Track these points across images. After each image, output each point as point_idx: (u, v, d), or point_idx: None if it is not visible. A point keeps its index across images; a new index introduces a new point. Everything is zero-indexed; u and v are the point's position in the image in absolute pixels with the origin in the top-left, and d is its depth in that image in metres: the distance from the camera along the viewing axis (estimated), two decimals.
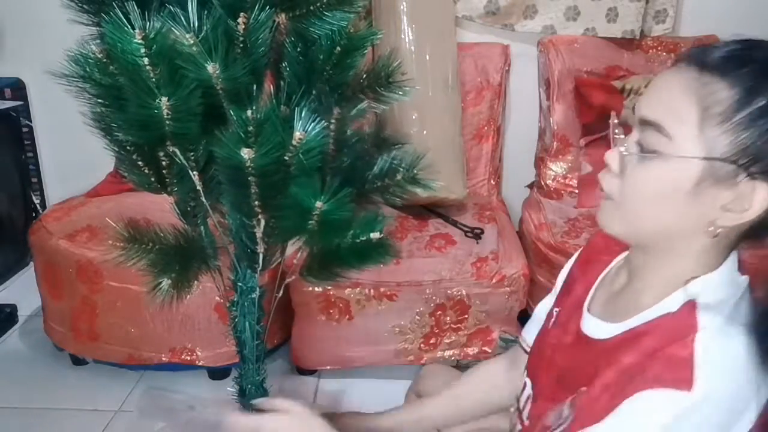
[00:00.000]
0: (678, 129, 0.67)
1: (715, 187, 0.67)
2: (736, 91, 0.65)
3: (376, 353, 1.94)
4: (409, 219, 2.15)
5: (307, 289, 1.85)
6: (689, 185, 0.67)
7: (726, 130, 0.65)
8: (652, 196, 0.70)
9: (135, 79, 0.81)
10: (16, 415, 1.88)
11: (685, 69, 0.68)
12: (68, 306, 1.94)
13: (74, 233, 1.94)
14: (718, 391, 0.64)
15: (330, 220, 0.90)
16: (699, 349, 0.65)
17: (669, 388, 0.64)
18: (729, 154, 0.65)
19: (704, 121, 0.65)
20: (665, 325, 0.70)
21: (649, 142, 0.69)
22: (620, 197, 0.72)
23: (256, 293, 1.07)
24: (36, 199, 2.65)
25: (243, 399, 1.10)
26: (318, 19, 0.95)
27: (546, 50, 2.33)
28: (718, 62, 0.66)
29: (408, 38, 2.12)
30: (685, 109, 0.66)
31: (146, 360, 1.93)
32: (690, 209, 0.68)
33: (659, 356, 0.67)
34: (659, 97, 0.69)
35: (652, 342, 0.69)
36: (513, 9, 2.33)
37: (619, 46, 2.34)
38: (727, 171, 0.66)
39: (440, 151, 2.15)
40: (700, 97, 0.66)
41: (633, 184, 0.71)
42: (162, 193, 0.99)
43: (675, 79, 0.68)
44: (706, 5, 2.39)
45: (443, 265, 1.90)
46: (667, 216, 0.70)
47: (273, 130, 0.84)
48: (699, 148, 0.66)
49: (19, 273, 2.54)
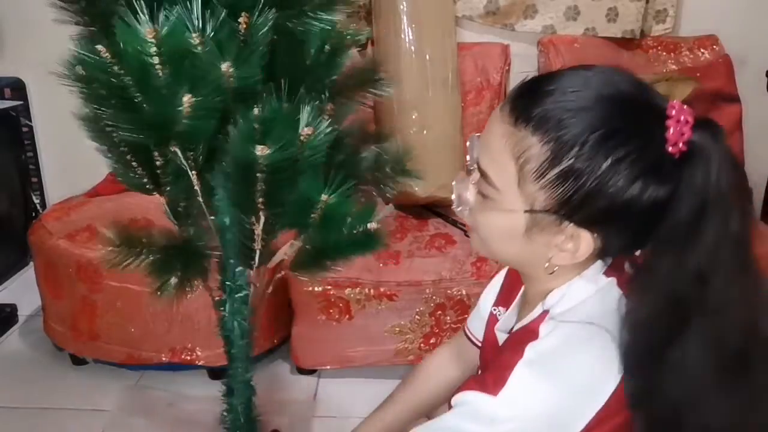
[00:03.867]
0: (502, 182, 0.70)
1: (544, 234, 0.70)
2: (546, 149, 0.66)
3: (376, 353, 1.94)
4: (409, 219, 2.15)
5: (307, 288, 1.85)
6: (521, 232, 0.71)
7: (542, 186, 0.67)
8: (495, 237, 0.74)
9: (146, 79, 0.80)
10: (16, 415, 1.88)
11: (507, 116, 0.69)
12: (68, 306, 1.94)
13: (74, 233, 1.94)
14: (524, 399, 0.68)
15: (332, 213, 0.90)
16: (525, 356, 0.69)
17: (479, 391, 0.69)
18: (549, 207, 0.68)
19: (522, 176, 0.68)
20: (519, 334, 0.76)
21: (483, 189, 0.72)
22: (475, 230, 0.77)
23: (245, 292, 1.07)
24: (36, 199, 2.65)
25: (231, 398, 1.09)
26: (310, 18, 0.95)
27: (546, 50, 2.33)
28: (531, 118, 0.67)
29: (408, 38, 2.12)
30: (506, 164, 0.69)
31: (146, 360, 1.92)
32: (530, 249, 0.72)
33: (496, 362, 0.73)
34: (488, 145, 0.71)
35: (505, 347, 0.76)
36: (513, 9, 2.33)
37: (619, 46, 2.34)
38: (550, 221, 0.69)
39: (440, 151, 2.15)
40: (515, 153, 0.68)
41: (479, 224, 0.75)
42: (154, 194, 0.98)
43: (498, 129, 0.70)
44: (706, 5, 2.39)
45: (443, 264, 1.90)
46: (513, 252, 0.75)
47: (284, 127, 0.84)
48: (521, 201, 0.69)
49: (19, 273, 2.54)
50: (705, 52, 2.32)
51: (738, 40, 2.32)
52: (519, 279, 0.89)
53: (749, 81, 2.34)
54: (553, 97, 0.67)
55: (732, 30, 2.33)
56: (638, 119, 0.66)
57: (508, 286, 0.95)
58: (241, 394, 1.10)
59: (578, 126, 0.65)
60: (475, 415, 0.70)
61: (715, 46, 2.33)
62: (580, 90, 0.67)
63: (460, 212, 0.77)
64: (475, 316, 1.05)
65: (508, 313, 0.89)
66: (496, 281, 1.01)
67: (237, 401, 1.10)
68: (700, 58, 2.32)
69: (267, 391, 1.94)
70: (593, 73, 0.69)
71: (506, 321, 0.89)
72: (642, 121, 0.66)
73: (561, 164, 0.66)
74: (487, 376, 0.71)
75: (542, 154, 0.66)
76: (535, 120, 0.67)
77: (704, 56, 2.32)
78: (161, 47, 0.79)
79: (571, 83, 0.68)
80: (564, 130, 0.65)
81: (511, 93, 0.71)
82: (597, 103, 0.66)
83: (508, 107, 0.70)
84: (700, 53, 2.33)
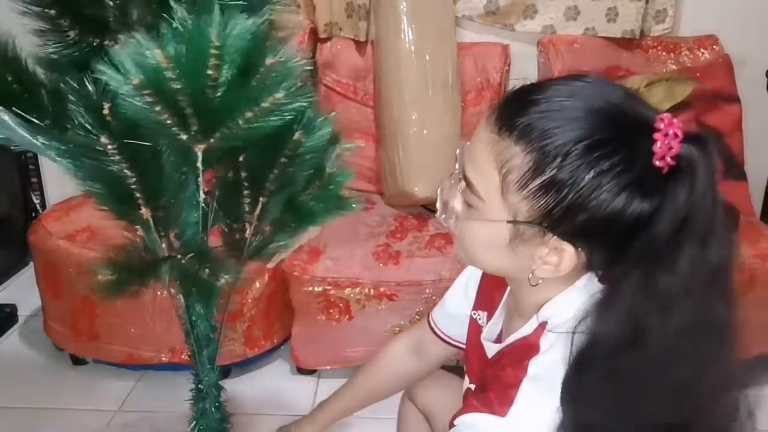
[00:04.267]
0: (486, 192, 0.69)
1: (527, 245, 0.69)
2: (529, 159, 0.65)
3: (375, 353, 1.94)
4: (409, 219, 2.15)
5: (307, 288, 1.85)
6: (504, 242, 0.70)
7: (525, 196, 0.66)
8: (480, 247, 0.74)
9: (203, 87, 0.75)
10: (16, 415, 1.88)
11: (492, 126, 0.68)
12: (68, 306, 1.94)
13: (74, 233, 1.94)
14: (534, 417, 0.67)
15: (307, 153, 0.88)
16: (529, 373, 0.68)
17: (485, 412, 0.68)
18: (531, 218, 0.67)
19: (505, 186, 0.67)
20: (517, 347, 0.75)
21: (468, 198, 0.72)
22: (460, 239, 0.76)
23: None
24: (36, 199, 2.65)
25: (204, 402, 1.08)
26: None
27: (546, 50, 2.33)
28: (516, 127, 0.66)
29: (408, 38, 2.12)
30: (489, 173, 0.68)
31: (146, 360, 1.93)
32: (513, 260, 0.72)
33: (497, 378, 0.72)
34: (473, 153, 0.71)
35: (503, 364, 0.74)
36: (513, 9, 2.33)
37: (619, 45, 2.34)
38: (533, 232, 0.68)
39: (440, 151, 2.15)
40: (498, 162, 0.67)
41: (463, 234, 0.74)
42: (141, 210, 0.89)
43: (483, 136, 0.69)
44: (705, 5, 2.38)
45: (443, 265, 1.90)
46: (496, 263, 0.74)
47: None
48: (504, 211, 0.68)
49: (19, 273, 2.54)
50: (705, 52, 2.32)
51: (738, 40, 2.32)
52: (497, 283, 0.88)
53: (749, 81, 2.34)
54: (538, 107, 0.65)
55: (732, 30, 2.33)
56: (625, 132, 0.64)
57: (487, 289, 0.94)
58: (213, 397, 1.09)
59: (562, 137, 0.63)
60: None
61: (714, 46, 2.33)
62: (566, 100, 0.65)
63: (443, 220, 0.75)
64: (442, 312, 1.06)
65: (493, 320, 0.88)
66: (465, 281, 1.01)
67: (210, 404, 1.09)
68: (699, 58, 2.32)
69: (267, 392, 1.95)
70: (582, 83, 0.67)
71: (491, 329, 0.88)
72: (629, 133, 0.64)
73: (543, 175, 0.64)
74: (491, 396, 0.70)
75: (525, 164, 0.65)
76: (518, 129, 0.65)
77: (704, 56, 2.32)
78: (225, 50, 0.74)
79: (558, 93, 0.66)
80: (547, 141, 0.64)
81: (499, 102, 0.70)
82: (583, 114, 0.64)
83: (494, 116, 0.69)
84: (700, 53, 2.32)
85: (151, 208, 0.88)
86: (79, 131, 0.80)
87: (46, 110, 0.83)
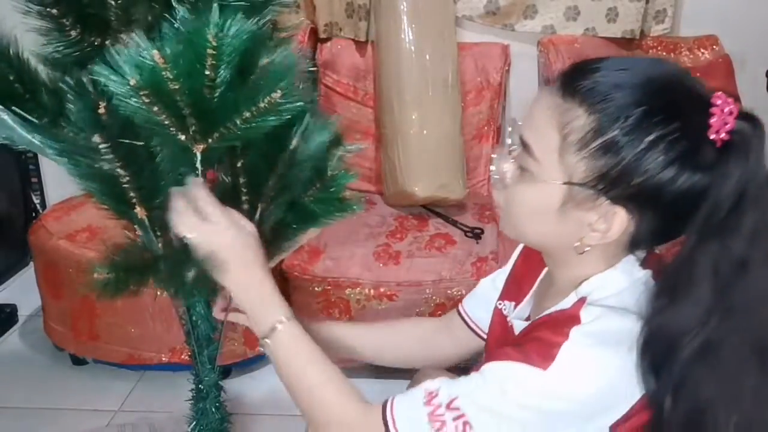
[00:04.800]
0: (543, 153, 0.71)
1: (579, 209, 0.71)
2: (592, 119, 0.67)
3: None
4: (409, 219, 2.15)
5: (307, 288, 1.85)
6: (556, 206, 0.71)
7: (583, 157, 0.68)
8: (528, 213, 0.75)
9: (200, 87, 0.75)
10: (16, 415, 1.88)
11: (555, 92, 0.71)
12: (68, 306, 1.94)
13: (74, 233, 1.94)
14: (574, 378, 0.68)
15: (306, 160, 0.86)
16: (572, 338, 0.69)
17: (527, 364, 0.69)
18: (586, 180, 0.69)
19: (564, 147, 0.69)
20: (555, 317, 0.75)
21: (524, 162, 0.73)
22: (506, 210, 0.77)
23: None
24: (36, 199, 2.65)
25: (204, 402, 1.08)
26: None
27: (546, 50, 2.33)
28: (579, 90, 0.69)
29: (408, 38, 2.12)
30: (549, 135, 0.70)
31: (146, 360, 1.93)
32: (561, 227, 0.73)
33: (536, 338, 0.72)
34: (533, 117, 0.73)
35: (539, 330, 0.74)
36: (513, 9, 2.33)
37: (619, 46, 2.34)
38: (587, 195, 0.69)
39: (440, 151, 2.15)
40: (560, 124, 0.69)
41: (512, 201, 0.75)
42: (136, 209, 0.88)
43: (544, 102, 0.71)
44: (705, 5, 2.38)
45: (443, 265, 1.90)
46: (544, 231, 0.75)
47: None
48: (560, 172, 0.70)
49: (19, 273, 2.54)
50: (705, 52, 2.32)
51: (738, 40, 2.32)
52: (530, 272, 0.90)
53: (749, 81, 2.34)
54: (601, 73, 0.69)
55: (732, 30, 2.33)
56: (683, 102, 0.68)
57: (516, 279, 0.95)
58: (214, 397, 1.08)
59: (624, 99, 0.67)
60: (524, 386, 0.69)
61: (714, 46, 2.33)
62: (628, 69, 0.70)
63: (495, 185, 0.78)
64: (474, 299, 1.06)
65: (522, 304, 0.89)
66: (494, 275, 1.03)
67: (210, 404, 1.08)
68: (699, 58, 2.32)
69: (267, 392, 1.95)
70: (640, 59, 0.72)
71: (521, 311, 0.89)
72: (686, 104, 0.68)
73: (604, 135, 0.67)
74: (529, 350, 0.70)
75: (587, 124, 0.68)
76: (582, 92, 0.68)
77: (704, 56, 2.32)
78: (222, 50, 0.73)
79: (620, 63, 0.71)
80: (610, 103, 0.67)
81: (561, 71, 0.73)
82: (644, 81, 0.68)
83: (557, 83, 0.71)
84: (700, 53, 2.33)
85: (145, 208, 0.88)
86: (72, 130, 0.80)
87: (45, 109, 0.83)
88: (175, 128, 0.80)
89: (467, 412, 0.70)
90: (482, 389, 0.71)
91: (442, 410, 0.71)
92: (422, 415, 0.72)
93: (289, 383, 0.83)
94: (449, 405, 0.71)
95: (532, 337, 0.74)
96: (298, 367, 0.82)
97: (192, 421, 1.09)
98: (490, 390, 0.71)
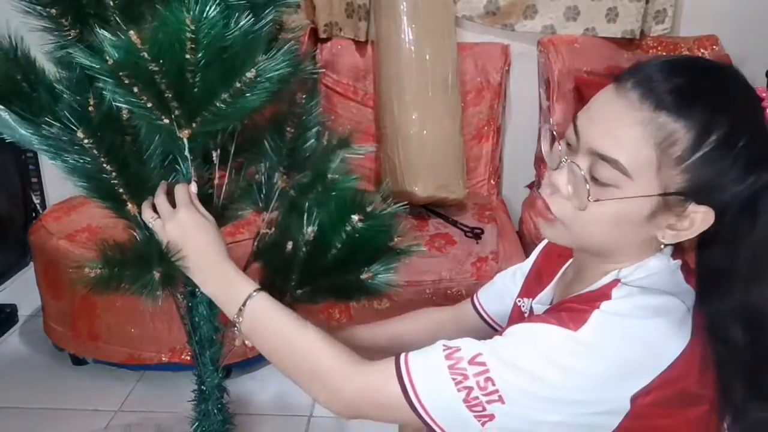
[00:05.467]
0: (638, 170, 0.70)
1: (667, 214, 0.72)
2: (692, 134, 0.68)
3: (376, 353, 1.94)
4: (409, 219, 2.15)
5: None
6: (644, 215, 0.72)
7: (682, 170, 0.69)
8: (607, 225, 0.74)
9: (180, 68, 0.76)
10: (16, 415, 1.88)
11: (639, 104, 0.69)
12: (68, 306, 1.94)
13: (74, 233, 1.94)
14: (603, 343, 0.69)
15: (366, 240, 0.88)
16: (603, 308, 0.70)
17: (559, 326, 0.70)
18: (682, 190, 0.70)
19: (662, 162, 0.69)
20: (585, 295, 0.76)
21: (604, 176, 0.71)
22: (571, 221, 0.75)
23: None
24: (36, 199, 2.65)
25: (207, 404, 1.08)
26: None
27: (546, 50, 2.33)
28: (671, 101, 0.68)
29: (408, 38, 2.12)
30: (645, 152, 0.69)
31: (146, 360, 1.93)
32: (640, 232, 0.73)
33: (566, 307, 0.73)
34: (613, 132, 0.71)
35: (569, 303, 0.75)
36: (513, 9, 2.33)
37: (619, 46, 2.34)
38: (679, 201, 0.70)
39: (440, 151, 2.15)
40: (657, 140, 0.69)
41: (590, 214, 0.73)
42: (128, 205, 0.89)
43: (628, 115, 0.70)
44: (705, 5, 2.39)
45: (443, 265, 1.90)
46: (617, 237, 0.75)
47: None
48: (656, 185, 0.70)
49: (19, 273, 2.54)
50: (705, 53, 2.33)
51: (738, 40, 2.32)
52: (551, 266, 0.91)
53: (749, 81, 2.34)
54: (683, 83, 0.69)
55: (732, 30, 2.33)
56: (748, 104, 0.71)
57: (536, 277, 0.95)
58: (216, 398, 1.08)
59: (714, 112, 0.68)
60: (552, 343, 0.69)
61: (715, 46, 2.33)
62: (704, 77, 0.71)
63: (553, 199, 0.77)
64: (489, 292, 1.06)
65: (545, 291, 0.90)
66: (512, 270, 1.03)
67: (212, 406, 1.08)
68: None
69: (267, 392, 1.95)
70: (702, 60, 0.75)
71: (544, 296, 0.90)
72: (751, 106, 0.71)
73: (701, 149, 0.68)
74: (562, 315, 0.71)
75: (686, 139, 0.68)
76: (675, 106, 0.68)
77: (704, 56, 2.32)
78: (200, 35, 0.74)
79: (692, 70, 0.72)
80: (702, 117, 0.68)
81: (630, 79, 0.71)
82: (723, 89, 0.71)
83: (637, 94, 0.70)
84: (700, 53, 2.33)
85: (137, 205, 0.89)
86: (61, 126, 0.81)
87: (45, 107, 0.83)
88: (159, 111, 0.81)
89: (491, 368, 0.69)
90: (508, 347, 0.71)
91: (463, 364, 0.70)
92: (442, 367, 0.71)
93: (276, 356, 0.83)
94: (472, 360, 0.70)
95: (563, 307, 0.74)
96: (279, 334, 0.82)
97: (194, 423, 1.09)
98: (518, 346, 0.71)
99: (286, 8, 0.88)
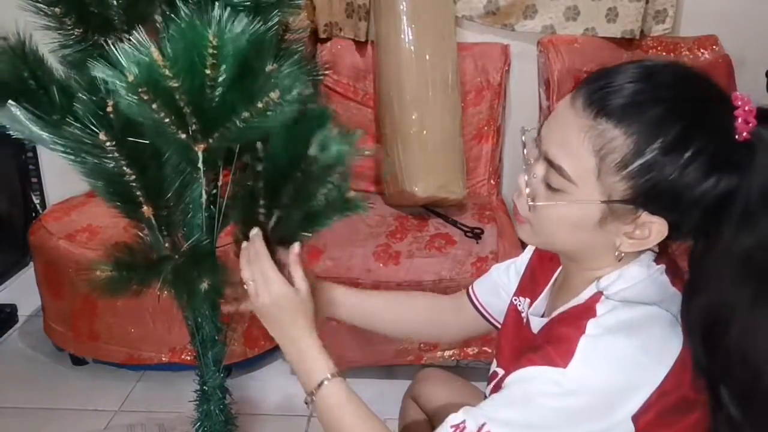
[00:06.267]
0: (579, 176, 0.71)
1: (617, 222, 0.72)
2: (630, 142, 0.68)
3: (375, 353, 1.94)
4: (409, 219, 2.15)
5: None
6: (594, 221, 0.73)
7: (623, 177, 0.69)
8: (562, 228, 0.76)
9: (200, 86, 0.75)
10: (16, 415, 1.88)
11: (582, 111, 0.70)
12: (68, 306, 1.94)
13: (74, 233, 1.94)
14: (592, 371, 0.70)
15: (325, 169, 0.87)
16: (588, 332, 0.71)
17: (548, 365, 0.71)
18: (627, 197, 0.70)
19: (602, 168, 0.70)
20: (572, 312, 0.78)
21: (554, 182, 0.73)
22: (534, 222, 0.78)
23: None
24: (36, 199, 2.65)
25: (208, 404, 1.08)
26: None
27: (546, 50, 2.33)
28: (612, 108, 0.68)
29: (408, 38, 2.12)
30: (584, 157, 0.70)
31: (146, 360, 1.93)
32: (597, 237, 0.74)
33: (554, 337, 0.74)
34: (561, 138, 0.72)
35: (557, 327, 0.76)
36: (513, 9, 2.33)
37: (619, 46, 2.34)
38: (627, 209, 0.71)
39: (440, 151, 2.15)
40: (597, 147, 0.69)
41: (544, 217, 0.76)
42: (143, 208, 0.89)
43: (574, 122, 0.71)
44: (705, 5, 2.38)
45: (443, 265, 1.90)
46: (577, 241, 0.76)
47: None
48: (599, 192, 0.71)
49: (19, 273, 2.54)
50: (705, 53, 2.32)
51: (738, 40, 2.32)
52: (545, 269, 0.92)
53: (749, 81, 2.34)
54: (628, 87, 0.69)
55: (732, 30, 2.33)
56: (712, 110, 0.69)
57: (531, 277, 0.97)
58: (218, 399, 1.08)
59: (658, 116, 0.67)
60: (545, 388, 0.71)
61: (714, 46, 2.33)
62: (656, 82, 0.70)
63: (518, 201, 0.79)
64: (484, 284, 1.08)
65: (540, 299, 0.91)
66: (507, 264, 1.05)
67: (214, 406, 1.08)
68: (699, 58, 2.32)
69: (267, 392, 1.95)
70: (662, 65, 0.71)
71: (538, 306, 0.91)
72: (715, 111, 0.69)
73: (644, 156, 0.68)
74: (549, 351, 0.72)
75: (625, 146, 0.68)
76: (614, 111, 0.68)
77: (704, 56, 2.32)
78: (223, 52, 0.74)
79: (642, 73, 0.70)
80: (645, 121, 0.67)
81: (583, 87, 0.72)
82: (676, 95, 0.69)
83: (581, 101, 0.70)
84: (700, 53, 2.33)
85: (152, 207, 0.88)
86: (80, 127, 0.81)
87: (56, 106, 0.83)
88: (176, 126, 0.80)
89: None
90: (506, 406, 0.73)
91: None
92: None
93: None
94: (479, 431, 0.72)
95: (551, 336, 0.76)
96: (344, 424, 0.86)
97: (196, 423, 1.09)
98: (514, 402, 0.73)
99: (294, 9, 0.89)
